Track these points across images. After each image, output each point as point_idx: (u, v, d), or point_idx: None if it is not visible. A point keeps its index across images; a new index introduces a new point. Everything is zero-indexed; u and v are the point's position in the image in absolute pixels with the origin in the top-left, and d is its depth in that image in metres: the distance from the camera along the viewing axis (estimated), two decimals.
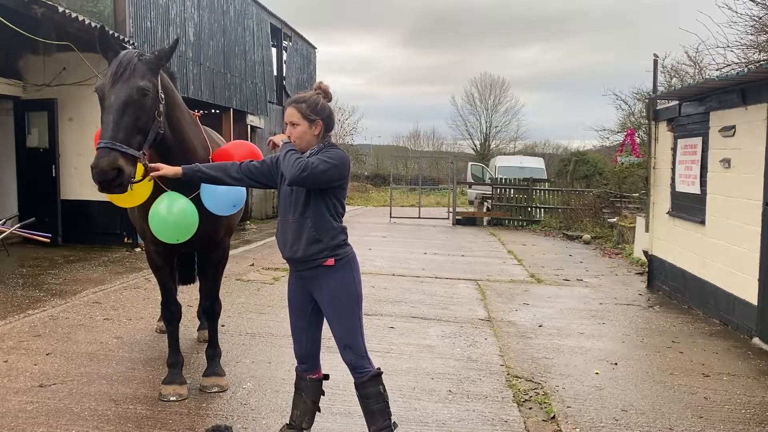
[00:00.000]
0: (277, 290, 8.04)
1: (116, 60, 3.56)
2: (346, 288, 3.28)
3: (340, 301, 3.28)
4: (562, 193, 20.11)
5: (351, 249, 3.36)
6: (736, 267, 6.52)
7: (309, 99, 3.27)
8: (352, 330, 3.31)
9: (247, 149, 4.36)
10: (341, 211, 3.34)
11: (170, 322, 4.49)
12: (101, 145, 3.33)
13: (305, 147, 3.27)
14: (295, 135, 3.25)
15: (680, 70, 18.07)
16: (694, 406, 4.47)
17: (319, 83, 3.38)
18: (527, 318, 6.98)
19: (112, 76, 3.49)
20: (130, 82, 3.50)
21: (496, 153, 39.82)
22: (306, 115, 3.24)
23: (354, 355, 3.30)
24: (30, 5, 8.16)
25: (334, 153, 3.20)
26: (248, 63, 16.91)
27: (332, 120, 3.33)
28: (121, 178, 3.36)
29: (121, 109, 3.43)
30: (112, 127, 3.38)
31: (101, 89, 3.51)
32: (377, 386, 3.30)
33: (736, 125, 6.59)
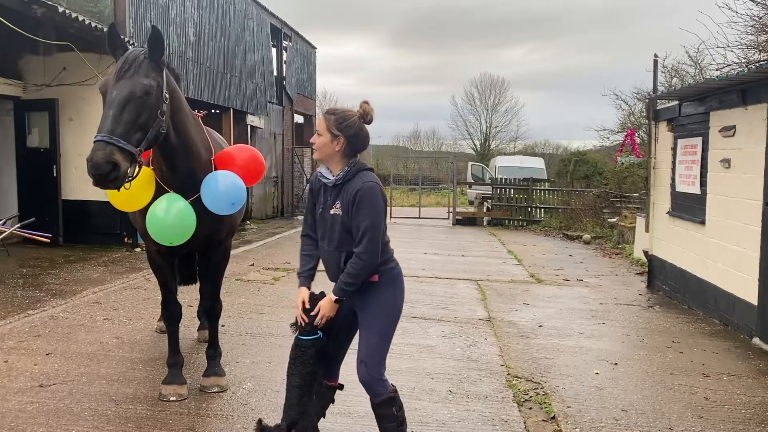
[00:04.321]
0: (277, 290, 8.04)
1: (122, 57, 3.56)
2: (384, 304, 3.22)
3: (374, 315, 3.22)
4: (562, 193, 20.12)
5: (396, 265, 3.29)
6: (736, 267, 6.52)
7: (339, 113, 3.18)
8: (375, 348, 3.21)
9: (249, 153, 4.36)
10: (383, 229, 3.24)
11: (170, 323, 4.49)
12: (97, 139, 3.29)
13: (325, 159, 3.21)
14: (317, 144, 3.20)
15: (680, 70, 18.09)
16: (694, 406, 4.47)
17: (362, 103, 3.24)
18: (527, 318, 6.98)
19: (117, 72, 3.49)
20: (133, 78, 3.49)
21: (496, 153, 39.86)
22: (330, 128, 3.15)
23: (367, 374, 3.20)
24: (30, 5, 8.17)
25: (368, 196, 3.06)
26: (248, 63, 16.91)
27: (360, 141, 3.19)
28: (117, 172, 3.31)
29: (122, 105, 3.40)
30: (111, 122, 3.34)
31: (105, 86, 3.50)
32: (390, 408, 3.23)
33: (736, 125, 6.59)
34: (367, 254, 3.06)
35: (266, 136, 18.70)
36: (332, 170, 3.22)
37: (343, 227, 3.14)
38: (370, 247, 3.05)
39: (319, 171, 3.31)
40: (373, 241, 3.05)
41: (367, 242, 3.04)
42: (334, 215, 3.17)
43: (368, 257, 3.07)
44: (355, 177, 3.14)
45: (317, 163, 14.95)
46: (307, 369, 3.23)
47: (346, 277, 3.11)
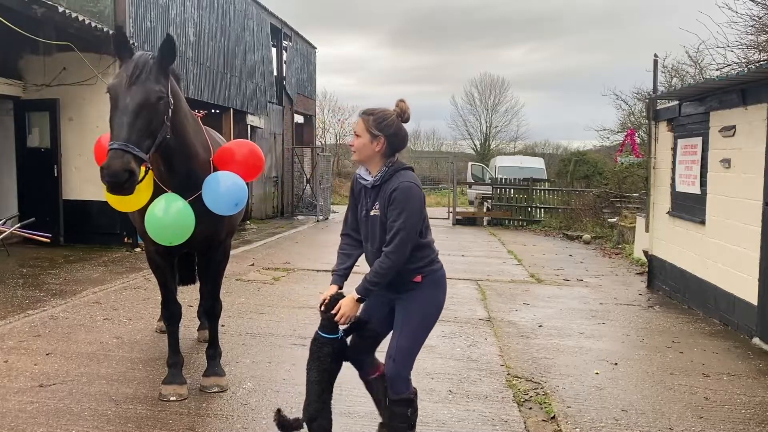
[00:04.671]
0: (277, 290, 8.04)
1: (132, 61, 3.54)
2: (424, 304, 3.19)
3: (412, 315, 3.18)
4: (562, 193, 20.12)
5: (440, 267, 3.25)
6: (736, 267, 6.52)
7: (377, 113, 3.16)
8: (407, 346, 3.18)
9: (247, 148, 4.36)
10: (424, 229, 3.20)
11: (170, 323, 4.49)
12: (114, 146, 3.28)
13: (364, 160, 3.20)
14: (356, 146, 3.19)
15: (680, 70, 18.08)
16: (694, 406, 4.47)
17: (398, 101, 3.22)
18: (527, 318, 6.98)
19: (129, 77, 3.47)
20: (146, 85, 3.48)
21: (496, 153, 39.84)
22: (369, 128, 3.14)
23: (394, 370, 3.16)
24: (30, 5, 8.17)
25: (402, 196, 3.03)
26: (248, 63, 16.91)
27: (399, 140, 3.18)
28: (133, 180, 3.33)
29: (137, 112, 3.40)
30: (127, 129, 3.34)
31: (115, 89, 3.48)
32: (405, 408, 3.22)
33: (736, 125, 6.59)
34: (395, 254, 3.04)
35: (266, 136, 18.70)
36: (371, 171, 3.21)
37: (382, 228, 3.13)
38: (399, 247, 3.03)
39: (358, 173, 3.30)
40: (403, 241, 3.03)
41: (397, 242, 3.02)
42: (374, 216, 3.17)
43: (396, 257, 3.04)
44: (392, 177, 3.12)
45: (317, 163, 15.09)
46: (324, 366, 3.22)
47: (372, 276, 3.10)
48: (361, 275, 3.21)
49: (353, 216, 3.36)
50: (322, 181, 20.34)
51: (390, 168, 3.15)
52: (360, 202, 3.29)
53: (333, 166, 26.20)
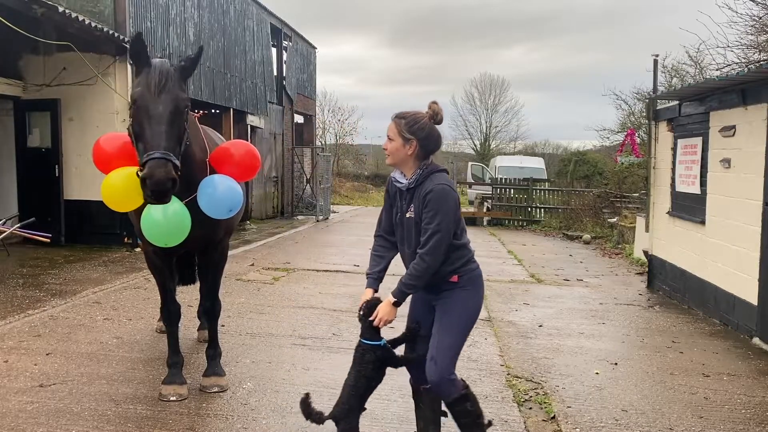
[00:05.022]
0: (277, 290, 8.04)
1: (154, 69, 3.55)
2: (462, 304, 3.17)
3: (450, 315, 3.17)
4: (562, 193, 20.12)
5: (476, 267, 3.24)
6: (736, 267, 6.52)
7: (409, 116, 3.15)
8: (447, 347, 3.14)
9: (245, 148, 4.36)
10: (459, 231, 3.18)
11: (170, 323, 4.49)
12: (156, 156, 3.31)
13: (398, 163, 3.21)
14: (389, 149, 3.20)
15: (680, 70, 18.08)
16: (694, 406, 4.47)
17: (430, 103, 3.21)
18: (527, 318, 6.98)
19: (156, 85, 3.49)
20: (173, 92, 3.52)
21: (496, 153, 39.84)
22: (401, 132, 3.13)
23: (437, 374, 3.11)
24: (30, 5, 8.17)
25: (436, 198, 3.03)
26: (248, 63, 16.91)
27: (432, 142, 3.17)
28: (174, 188, 3.38)
29: (170, 120, 3.45)
30: (166, 137, 3.38)
31: (143, 98, 3.49)
32: (463, 404, 3.21)
33: (736, 125, 6.59)
34: (430, 256, 3.03)
35: (266, 136, 18.70)
36: (405, 174, 3.21)
37: (417, 230, 3.13)
38: (434, 249, 3.02)
39: (393, 176, 3.30)
40: (438, 243, 3.02)
41: (432, 244, 3.02)
42: (409, 219, 3.16)
43: (431, 259, 3.04)
44: (427, 179, 3.12)
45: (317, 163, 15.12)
46: (363, 372, 3.19)
47: (408, 278, 3.10)
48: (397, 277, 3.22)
49: (387, 218, 3.36)
50: (322, 181, 20.34)
51: (424, 170, 3.15)
52: (395, 205, 3.28)
53: (333, 166, 26.20)
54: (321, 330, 6.17)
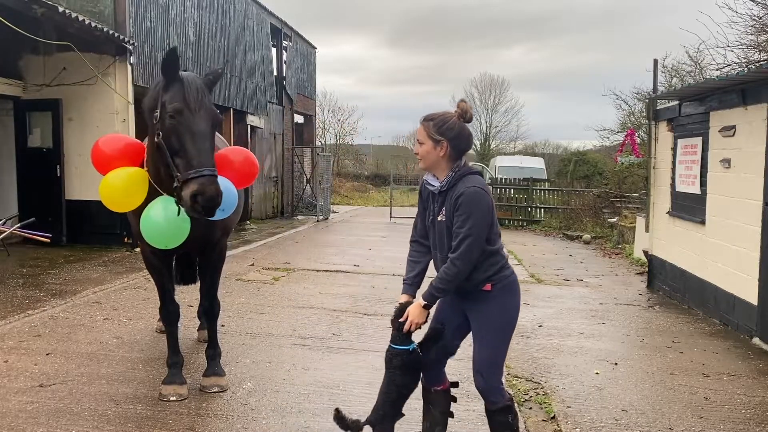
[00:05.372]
0: (277, 290, 8.04)
1: (189, 84, 3.60)
2: (497, 313, 3.11)
3: (487, 325, 3.11)
4: (562, 193, 20.10)
5: (510, 273, 3.16)
6: (736, 267, 6.52)
7: (437, 117, 3.11)
8: (490, 358, 3.12)
9: (243, 155, 4.36)
10: (492, 236, 3.10)
11: (169, 323, 4.49)
12: (208, 173, 3.42)
13: (431, 167, 3.16)
14: (420, 153, 3.15)
15: (680, 70, 18.07)
16: (694, 406, 4.47)
17: (459, 102, 3.16)
18: (527, 318, 6.98)
19: (195, 102, 3.56)
20: (211, 109, 3.63)
21: (496, 153, 39.84)
22: (431, 134, 3.09)
23: (484, 384, 3.13)
24: (30, 5, 8.17)
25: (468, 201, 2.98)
26: (248, 63, 16.91)
27: (463, 141, 3.12)
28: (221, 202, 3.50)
29: (211, 137, 3.58)
30: (211, 155, 3.51)
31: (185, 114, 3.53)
32: (505, 416, 3.16)
33: (736, 125, 6.59)
34: (461, 261, 2.97)
35: (266, 136, 18.70)
36: (438, 176, 3.16)
37: (449, 234, 3.07)
38: (466, 254, 2.96)
39: (426, 178, 3.25)
40: (470, 248, 2.96)
41: (464, 249, 2.95)
42: (440, 222, 3.12)
43: (462, 264, 2.97)
44: (459, 182, 3.06)
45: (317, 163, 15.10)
46: (393, 378, 3.18)
47: (438, 282, 3.04)
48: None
49: (422, 222, 3.31)
50: (322, 181, 20.34)
51: (457, 173, 3.08)
52: (428, 208, 3.24)
53: (333, 166, 26.20)
54: (321, 330, 6.17)
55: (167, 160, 3.55)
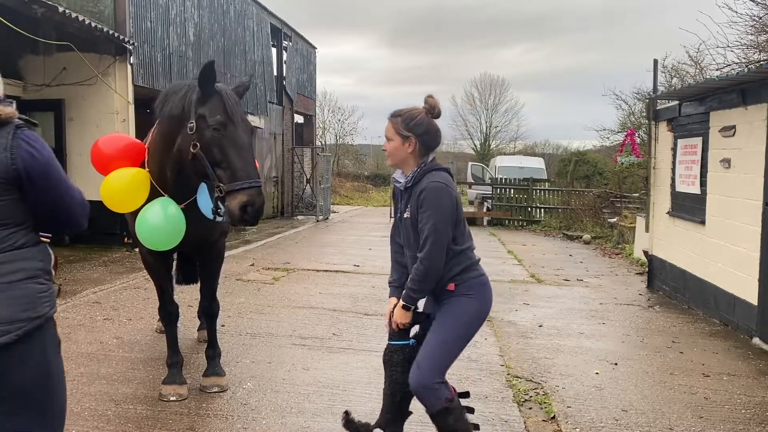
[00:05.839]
0: (277, 290, 8.04)
1: (229, 97, 3.67)
2: (455, 314, 3.02)
3: (443, 322, 3.03)
4: (562, 193, 20.11)
5: (478, 275, 3.09)
6: (736, 267, 6.52)
7: (405, 113, 3.05)
8: (433, 353, 2.99)
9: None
10: (458, 235, 3.02)
11: (169, 323, 4.49)
12: (256, 185, 3.52)
13: (399, 164, 3.11)
14: (388, 150, 3.11)
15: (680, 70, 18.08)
16: (694, 406, 4.47)
17: (426, 97, 3.08)
18: (527, 318, 6.98)
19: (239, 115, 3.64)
20: (248, 122, 3.73)
21: (496, 153, 39.83)
22: (399, 130, 3.04)
23: (418, 378, 2.97)
24: (30, 5, 8.17)
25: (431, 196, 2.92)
26: (248, 63, 16.91)
27: (431, 138, 3.05)
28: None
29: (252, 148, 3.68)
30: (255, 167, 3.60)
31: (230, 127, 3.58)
32: (445, 419, 3.01)
33: (736, 125, 6.59)
34: (428, 260, 2.91)
35: (266, 136, 18.70)
36: (405, 173, 3.13)
37: (415, 231, 3.03)
38: (431, 252, 2.90)
39: (395, 176, 3.23)
40: (435, 246, 2.89)
41: (429, 247, 2.90)
42: (406, 219, 3.08)
43: (430, 263, 2.92)
44: (423, 177, 3.00)
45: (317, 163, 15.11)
46: (394, 376, 3.15)
47: (410, 283, 3.01)
48: None
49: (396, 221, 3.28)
50: (322, 181, 20.34)
51: (423, 168, 3.03)
52: (397, 206, 3.22)
53: (333, 166, 26.21)
54: (321, 330, 6.17)
55: (206, 170, 3.59)
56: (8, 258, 1.88)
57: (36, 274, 1.97)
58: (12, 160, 1.85)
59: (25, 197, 1.92)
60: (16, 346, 1.87)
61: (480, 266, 3.15)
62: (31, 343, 1.94)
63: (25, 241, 1.95)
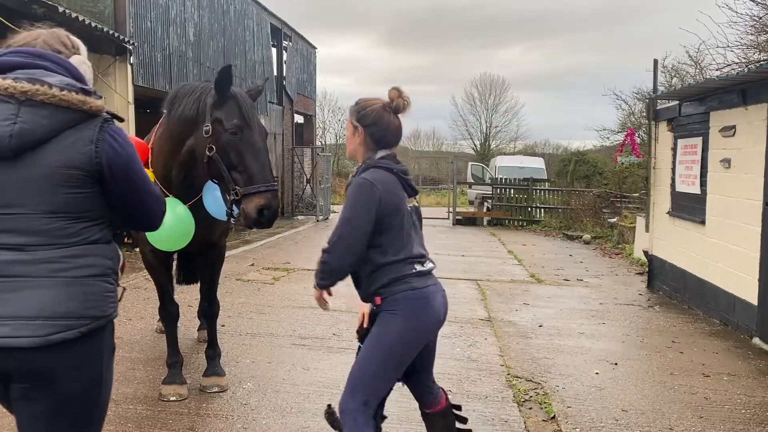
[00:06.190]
0: (277, 290, 8.04)
1: (244, 100, 3.72)
2: (378, 331, 2.74)
3: (368, 339, 2.77)
4: (562, 193, 20.12)
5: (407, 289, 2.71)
6: (736, 267, 6.52)
7: (362, 102, 2.89)
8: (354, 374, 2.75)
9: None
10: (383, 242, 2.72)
11: (169, 323, 4.49)
12: (272, 188, 3.56)
13: (351, 153, 2.95)
14: (347, 137, 2.98)
15: (680, 70, 18.09)
16: (694, 406, 4.47)
17: (390, 89, 2.88)
18: (527, 318, 6.98)
19: (254, 119, 3.68)
20: (262, 125, 3.78)
21: (496, 153, 39.83)
22: (352, 119, 2.89)
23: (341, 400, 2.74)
24: (30, 5, 8.18)
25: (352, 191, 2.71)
26: (248, 63, 16.92)
27: (381, 131, 2.80)
28: None
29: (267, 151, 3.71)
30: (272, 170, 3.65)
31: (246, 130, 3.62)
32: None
33: (736, 125, 6.59)
34: (329, 254, 2.70)
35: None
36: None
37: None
38: (336, 248, 2.68)
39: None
40: (341, 243, 2.66)
41: (335, 242, 2.68)
42: None
43: (330, 258, 2.70)
44: (365, 173, 2.78)
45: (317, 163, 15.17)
46: None
47: (317, 270, 2.84)
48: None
49: None
50: (322, 181, 20.34)
51: (366, 163, 2.81)
52: None
53: (333, 166, 26.20)
54: (321, 330, 6.17)
55: (221, 173, 3.61)
56: (81, 252, 1.86)
57: (106, 272, 1.93)
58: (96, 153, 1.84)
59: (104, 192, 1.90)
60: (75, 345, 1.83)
61: (418, 279, 2.75)
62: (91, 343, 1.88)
63: (100, 236, 1.92)
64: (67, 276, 1.82)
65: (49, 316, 1.78)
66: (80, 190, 1.84)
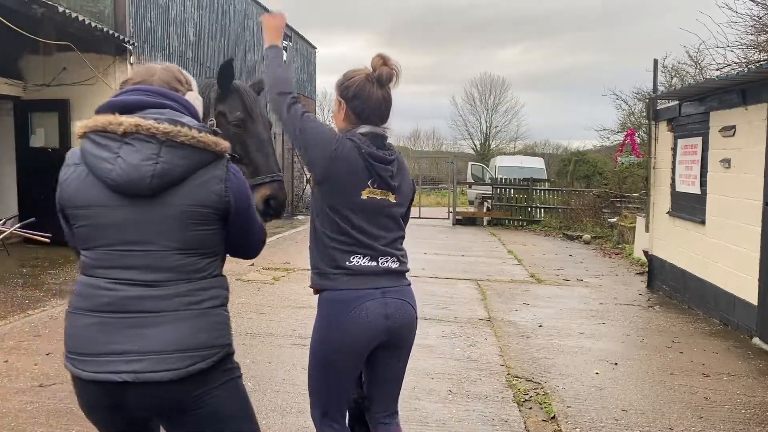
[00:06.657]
0: (277, 290, 8.04)
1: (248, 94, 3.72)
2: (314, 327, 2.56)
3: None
4: (562, 193, 20.12)
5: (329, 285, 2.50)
6: (736, 267, 6.52)
7: (346, 73, 2.63)
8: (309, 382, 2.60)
9: None
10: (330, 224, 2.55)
11: None
12: (278, 178, 3.55)
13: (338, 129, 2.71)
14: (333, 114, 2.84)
15: (680, 70, 18.09)
16: (694, 406, 4.47)
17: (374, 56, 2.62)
18: (527, 318, 6.98)
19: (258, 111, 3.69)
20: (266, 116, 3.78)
21: (496, 153, 39.83)
22: (336, 93, 2.66)
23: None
24: (30, 5, 8.17)
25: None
26: (248, 63, 16.92)
27: (362, 104, 2.53)
28: None
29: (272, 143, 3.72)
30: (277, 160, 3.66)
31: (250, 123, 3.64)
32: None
33: (736, 125, 6.59)
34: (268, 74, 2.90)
35: None
36: None
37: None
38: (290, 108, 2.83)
39: None
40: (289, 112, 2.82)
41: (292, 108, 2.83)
42: None
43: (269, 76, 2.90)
44: None
45: None
46: None
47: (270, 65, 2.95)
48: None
49: None
50: None
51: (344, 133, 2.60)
52: None
53: None
54: None
55: None
56: (208, 285, 1.95)
57: (224, 302, 2.05)
58: (225, 191, 1.91)
59: (224, 227, 1.98)
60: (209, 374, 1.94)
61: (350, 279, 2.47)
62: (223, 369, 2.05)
63: (220, 270, 2.03)
64: (199, 308, 1.90)
65: (187, 348, 1.86)
66: (208, 228, 1.91)
